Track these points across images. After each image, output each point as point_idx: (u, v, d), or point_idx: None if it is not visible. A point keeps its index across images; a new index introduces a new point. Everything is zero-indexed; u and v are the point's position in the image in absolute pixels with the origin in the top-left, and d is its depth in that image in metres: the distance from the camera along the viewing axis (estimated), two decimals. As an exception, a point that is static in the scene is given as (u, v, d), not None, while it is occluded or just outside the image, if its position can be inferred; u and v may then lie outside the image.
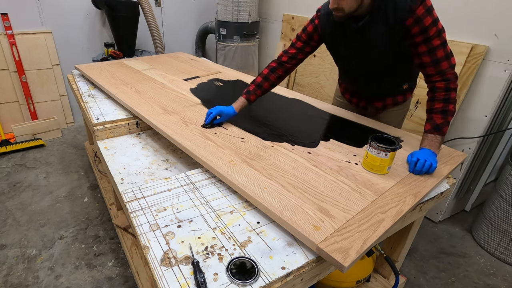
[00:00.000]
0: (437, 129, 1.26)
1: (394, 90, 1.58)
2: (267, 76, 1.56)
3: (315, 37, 1.49)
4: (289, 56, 1.54)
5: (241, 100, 1.55)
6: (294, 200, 1.04)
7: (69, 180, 2.55)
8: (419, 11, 1.18)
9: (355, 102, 1.75)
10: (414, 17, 1.20)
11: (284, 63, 1.55)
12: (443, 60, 1.24)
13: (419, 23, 1.20)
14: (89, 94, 2.03)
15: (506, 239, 1.94)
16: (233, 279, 0.82)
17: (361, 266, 1.49)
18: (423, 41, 1.23)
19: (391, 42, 1.30)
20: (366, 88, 1.64)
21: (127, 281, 1.74)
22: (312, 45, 1.52)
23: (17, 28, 2.89)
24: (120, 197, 1.19)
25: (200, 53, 3.99)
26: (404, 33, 1.25)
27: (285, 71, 1.57)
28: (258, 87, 1.56)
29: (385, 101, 1.62)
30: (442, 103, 1.26)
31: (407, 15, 1.20)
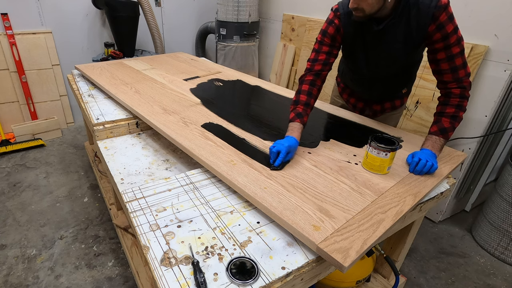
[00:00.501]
0: (443, 132, 1.27)
1: (392, 94, 1.59)
2: (310, 92, 1.41)
3: (338, 38, 1.42)
4: (322, 63, 1.43)
5: (298, 127, 1.34)
6: (294, 200, 1.04)
7: (69, 180, 2.55)
8: (442, 17, 1.19)
9: (352, 103, 1.74)
10: (437, 23, 1.20)
11: (320, 72, 1.43)
12: (460, 68, 1.24)
13: (441, 30, 1.20)
14: (89, 94, 2.03)
15: (506, 239, 1.94)
16: (233, 279, 0.81)
17: (361, 266, 1.49)
18: (443, 48, 1.24)
19: (409, 47, 1.31)
20: (369, 91, 1.61)
21: (127, 281, 1.74)
22: (337, 46, 1.45)
23: (17, 28, 2.89)
24: (120, 197, 1.19)
25: (200, 53, 3.99)
26: (425, 38, 1.26)
27: (323, 80, 1.46)
28: (307, 106, 1.39)
29: (383, 105, 1.63)
30: (454, 108, 1.26)
31: (430, 21, 1.20)
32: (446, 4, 1.18)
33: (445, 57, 1.25)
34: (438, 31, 1.21)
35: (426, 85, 2.08)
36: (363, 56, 1.44)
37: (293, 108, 1.40)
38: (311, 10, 2.95)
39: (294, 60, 3.23)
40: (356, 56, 1.47)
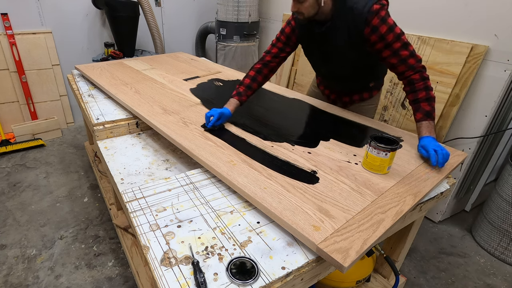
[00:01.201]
0: (429, 115, 1.33)
1: (360, 88, 1.70)
2: (254, 77, 1.61)
3: (293, 38, 1.57)
4: (272, 56, 1.61)
5: (234, 102, 1.57)
6: (294, 200, 1.04)
7: (69, 180, 2.55)
8: (374, 21, 1.29)
9: (326, 94, 1.87)
10: (371, 27, 1.31)
11: (268, 62, 1.61)
12: (409, 58, 1.33)
13: (375, 32, 1.31)
14: (89, 94, 2.03)
15: (506, 239, 1.94)
16: (233, 279, 0.82)
17: (361, 266, 1.49)
18: (384, 47, 1.33)
19: (353, 48, 1.42)
20: (335, 85, 1.78)
21: (127, 281, 1.74)
22: (291, 45, 1.60)
23: (17, 28, 2.89)
24: (120, 197, 1.19)
25: (200, 53, 3.99)
26: (364, 41, 1.36)
27: (270, 70, 1.62)
28: (248, 88, 1.60)
29: (352, 97, 1.74)
30: (424, 91, 1.34)
31: (364, 25, 1.31)
32: (378, 9, 1.28)
33: (390, 54, 1.34)
34: (374, 33, 1.31)
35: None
36: (317, 55, 1.60)
37: (237, 88, 1.61)
38: (311, 10, 2.94)
39: (294, 60, 3.23)
40: (312, 55, 1.64)
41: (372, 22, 1.30)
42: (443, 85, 2.00)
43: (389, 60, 1.36)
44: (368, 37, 1.33)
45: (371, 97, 1.72)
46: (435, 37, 2.03)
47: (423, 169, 1.24)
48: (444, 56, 1.98)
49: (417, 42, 2.10)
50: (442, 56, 1.99)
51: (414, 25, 2.17)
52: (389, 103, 2.32)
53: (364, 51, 1.41)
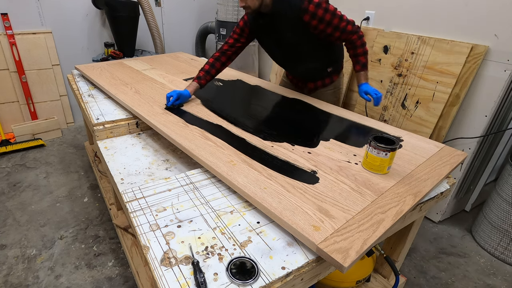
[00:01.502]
0: (365, 66, 1.68)
1: (320, 73, 1.88)
2: (213, 64, 1.82)
3: (246, 30, 1.77)
4: (229, 45, 1.80)
5: (194, 85, 1.79)
6: (294, 200, 1.04)
7: (69, 180, 2.55)
8: (310, 8, 1.51)
9: (294, 83, 2.06)
10: (309, 14, 1.53)
11: (225, 51, 1.81)
12: (347, 26, 1.59)
13: (315, 17, 1.54)
14: (89, 94, 2.03)
15: (506, 239, 1.94)
16: (233, 279, 0.82)
17: (361, 266, 1.49)
18: (326, 26, 1.57)
19: (298, 34, 1.62)
20: (295, 72, 1.98)
21: (127, 281, 1.74)
22: (245, 36, 1.79)
23: (17, 28, 2.89)
24: (120, 197, 1.19)
25: (200, 53, 3.99)
26: (307, 26, 1.57)
27: (228, 58, 1.82)
28: (207, 74, 1.81)
29: (315, 83, 1.93)
30: (361, 48, 1.65)
31: (303, 13, 1.53)
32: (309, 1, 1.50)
33: (332, 29, 1.58)
34: (313, 19, 1.54)
35: (426, 85, 2.08)
36: (270, 45, 1.80)
37: (198, 72, 1.83)
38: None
39: (294, 60, 3.23)
40: (266, 45, 1.84)
41: (309, 9, 1.52)
42: (443, 85, 2.00)
43: (334, 34, 1.60)
44: (310, 22, 1.55)
45: (332, 82, 1.92)
46: (435, 37, 2.03)
47: (423, 169, 1.24)
48: (444, 56, 1.98)
49: (417, 42, 2.10)
50: (442, 56, 1.99)
51: (414, 25, 2.17)
52: (389, 103, 2.32)
53: (309, 34, 1.61)
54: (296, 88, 2.05)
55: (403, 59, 2.20)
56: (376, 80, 2.39)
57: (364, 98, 1.66)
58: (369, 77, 1.83)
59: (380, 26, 2.39)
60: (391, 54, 2.27)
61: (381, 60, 2.33)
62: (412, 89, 2.16)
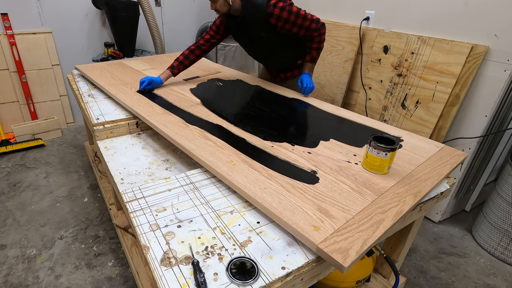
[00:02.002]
0: (314, 60, 1.92)
1: (290, 65, 2.08)
2: (187, 55, 2.00)
3: (221, 28, 1.94)
4: (205, 40, 1.98)
5: (167, 73, 1.99)
6: (294, 200, 1.04)
7: (69, 180, 2.56)
8: (276, 12, 1.68)
9: (271, 73, 2.28)
10: (275, 17, 1.70)
11: (201, 45, 1.99)
12: (311, 25, 1.76)
13: (280, 19, 1.71)
14: (89, 94, 2.03)
15: (506, 239, 1.94)
16: (233, 279, 0.82)
17: (361, 266, 1.49)
18: (292, 26, 1.74)
19: (267, 33, 1.79)
20: (268, 64, 2.21)
21: (127, 281, 1.74)
22: (221, 34, 1.97)
23: (17, 28, 2.89)
24: (120, 197, 1.19)
25: (200, 53, 3.98)
26: (274, 27, 1.75)
27: (202, 51, 2.01)
28: (181, 64, 2.00)
29: (286, 74, 2.13)
30: (317, 44, 1.85)
31: (269, 17, 1.70)
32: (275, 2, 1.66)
33: (298, 29, 1.76)
34: (279, 21, 1.71)
35: (426, 85, 2.08)
36: (243, 42, 1.98)
37: (173, 62, 2.01)
38: (311, 10, 2.94)
39: (294, 60, 3.22)
40: (240, 42, 2.02)
41: (274, 13, 1.68)
42: (443, 85, 2.00)
43: (299, 32, 1.78)
44: (276, 24, 1.73)
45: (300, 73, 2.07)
46: (435, 37, 2.03)
47: (423, 169, 1.24)
48: (444, 56, 1.98)
49: (417, 42, 2.10)
50: (442, 56, 1.99)
51: (414, 25, 2.17)
52: (389, 103, 2.32)
53: (277, 33, 1.79)
54: (272, 78, 2.30)
55: (403, 59, 2.20)
56: (376, 80, 2.39)
57: (298, 85, 1.92)
58: (369, 77, 1.87)
59: (380, 26, 2.39)
60: (391, 54, 2.27)
61: (381, 60, 2.33)
62: (412, 89, 2.16)
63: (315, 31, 1.79)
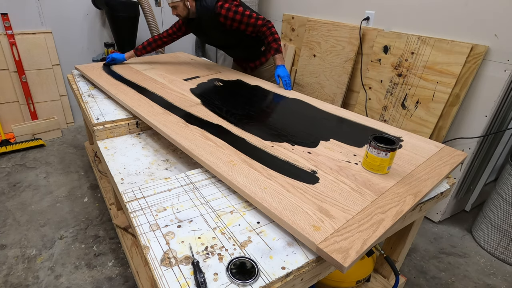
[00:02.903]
0: (278, 51, 2.01)
1: (255, 54, 2.30)
2: (151, 43, 2.32)
3: (182, 28, 2.25)
4: (167, 34, 2.29)
5: (131, 53, 2.40)
6: (294, 200, 1.04)
7: (69, 180, 2.56)
8: (223, 12, 1.94)
9: (240, 64, 2.51)
10: (223, 17, 1.95)
11: (163, 37, 2.31)
12: (256, 22, 1.98)
13: (228, 18, 1.96)
14: (89, 94, 2.03)
15: (506, 239, 1.94)
16: (233, 279, 0.82)
17: (361, 266, 1.49)
18: (239, 24, 1.98)
19: (220, 30, 2.05)
20: (236, 56, 2.47)
21: (127, 281, 1.74)
22: (182, 31, 2.26)
23: (17, 28, 2.89)
24: (120, 197, 1.19)
25: (200, 53, 3.99)
26: (224, 25, 2.00)
27: (163, 42, 2.32)
28: (143, 48, 2.34)
29: (255, 63, 2.36)
30: (270, 36, 2.00)
31: (218, 17, 1.96)
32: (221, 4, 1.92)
33: (245, 26, 2.00)
34: (227, 19, 1.96)
35: (426, 85, 2.08)
36: (204, 38, 2.27)
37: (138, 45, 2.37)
38: (311, 10, 2.95)
39: (294, 60, 3.23)
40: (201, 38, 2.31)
41: (221, 13, 1.93)
42: (443, 85, 2.00)
43: (247, 29, 2.01)
44: (225, 22, 1.97)
45: (267, 59, 2.34)
46: (435, 37, 2.03)
47: (423, 169, 1.24)
48: (444, 56, 1.98)
49: (417, 42, 2.10)
50: (442, 56, 1.99)
51: (414, 25, 2.17)
52: (389, 103, 2.32)
53: (228, 31, 2.04)
54: (241, 69, 2.50)
55: (403, 59, 2.20)
56: (376, 80, 2.39)
57: (276, 81, 2.05)
58: (369, 77, 1.86)
59: (380, 26, 2.39)
60: (391, 54, 2.27)
61: (381, 60, 2.33)
62: (412, 89, 2.16)
63: (262, 27, 1.98)
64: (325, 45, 2.75)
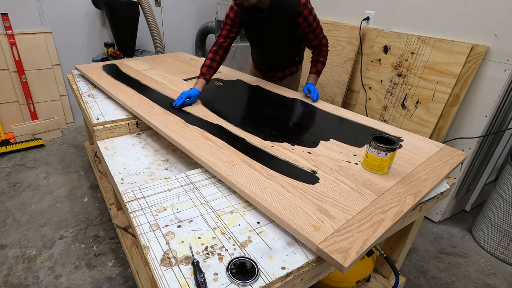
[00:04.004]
0: (318, 73, 1.99)
1: (289, 63, 2.16)
2: (213, 58, 1.92)
3: (237, 20, 1.91)
4: (224, 37, 1.94)
5: (201, 81, 1.86)
6: (294, 200, 1.04)
7: (69, 180, 2.55)
8: (305, 13, 1.75)
9: (264, 73, 2.29)
10: (303, 17, 1.77)
11: (222, 43, 1.94)
12: (319, 34, 1.88)
13: (306, 20, 1.79)
14: (89, 94, 2.03)
15: (506, 239, 1.94)
16: (233, 279, 0.82)
17: (361, 266, 1.49)
18: (309, 30, 1.83)
19: (287, 30, 1.85)
20: (270, 61, 2.20)
21: (127, 281, 1.74)
22: (237, 26, 1.94)
23: (17, 28, 2.89)
24: (120, 197, 1.19)
25: (200, 53, 3.99)
26: (297, 26, 1.82)
27: (224, 50, 1.96)
28: (210, 68, 1.91)
29: (284, 72, 2.20)
30: (324, 57, 1.95)
31: (297, 16, 1.76)
32: (306, 2, 1.73)
33: (312, 34, 1.87)
34: (305, 21, 1.79)
35: (426, 85, 2.08)
36: (257, 36, 2.00)
37: (201, 69, 1.89)
38: (311, 10, 2.94)
39: (294, 60, 3.22)
40: (253, 36, 2.03)
41: (303, 13, 1.75)
42: (443, 85, 2.00)
43: (309, 37, 1.87)
44: (301, 24, 1.80)
45: (297, 70, 2.22)
46: (435, 37, 2.03)
47: (423, 169, 1.24)
48: (444, 56, 1.98)
49: (417, 42, 2.10)
50: (442, 56, 1.99)
51: (414, 25, 2.17)
52: (389, 103, 2.32)
53: (294, 32, 1.85)
54: (266, 78, 2.28)
55: (403, 59, 2.20)
56: (376, 80, 2.39)
57: (304, 91, 1.95)
58: (369, 77, 1.87)
59: (380, 26, 2.39)
60: (391, 54, 2.27)
61: (381, 60, 2.33)
62: (412, 89, 2.16)
63: (323, 46, 1.92)
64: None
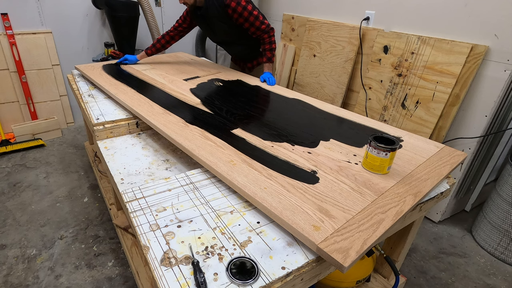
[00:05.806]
0: (270, 60, 2.17)
1: (253, 54, 2.34)
2: (159, 40, 2.36)
3: (188, 19, 2.25)
4: (174, 28, 2.32)
5: (143, 53, 2.44)
6: (294, 200, 1.04)
7: (69, 180, 2.55)
8: (232, 4, 1.93)
9: (239, 64, 2.54)
10: (231, 8, 1.94)
11: (169, 32, 2.33)
12: (260, 26, 2.04)
13: (235, 12, 1.96)
14: (89, 94, 2.03)
15: (506, 239, 1.94)
16: (233, 279, 0.82)
17: (361, 266, 1.49)
18: (244, 21, 2.01)
19: (225, 22, 2.05)
20: (235, 53, 2.45)
21: (127, 281, 1.74)
22: (188, 23, 2.27)
23: (17, 28, 2.89)
24: (120, 197, 1.19)
25: (200, 53, 3.99)
26: (230, 18, 2.01)
27: (170, 37, 2.33)
28: (153, 46, 2.38)
29: (253, 62, 2.41)
30: (268, 44, 2.12)
31: (226, 8, 1.95)
32: None
33: (248, 25, 2.03)
34: (234, 13, 1.96)
35: (426, 85, 2.08)
36: (207, 30, 2.24)
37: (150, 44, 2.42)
38: (311, 10, 2.95)
39: (294, 60, 3.23)
40: (204, 30, 2.27)
41: (231, 5, 1.93)
42: (443, 85, 2.00)
43: (250, 29, 2.05)
44: (232, 15, 1.98)
45: None
46: (435, 37, 2.03)
47: (423, 169, 1.24)
48: (444, 56, 1.98)
49: (417, 42, 2.10)
50: (442, 56, 1.99)
51: (414, 25, 2.17)
52: (389, 103, 2.32)
53: (234, 25, 2.05)
54: (239, 68, 2.53)
55: (403, 59, 2.20)
56: (376, 80, 2.39)
57: (260, 79, 2.17)
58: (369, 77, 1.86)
59: (380, 26, 2.39)
60: (391, 54, 2.27)
61: (381, 60, 2.33)
62: (412, 89, 2.16)
63: (264, 33, 2.06)
64: (325, 45, 2.75)
